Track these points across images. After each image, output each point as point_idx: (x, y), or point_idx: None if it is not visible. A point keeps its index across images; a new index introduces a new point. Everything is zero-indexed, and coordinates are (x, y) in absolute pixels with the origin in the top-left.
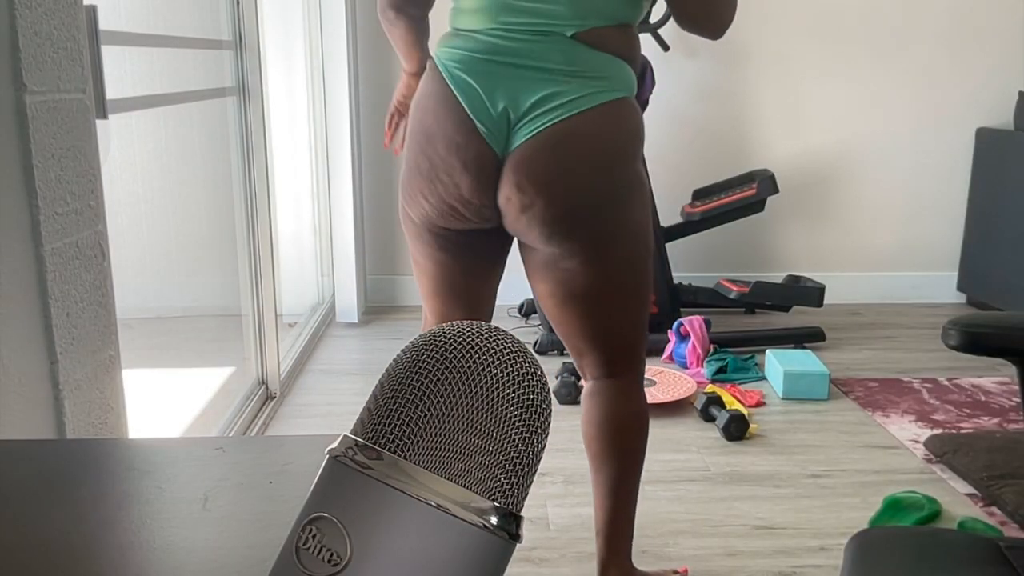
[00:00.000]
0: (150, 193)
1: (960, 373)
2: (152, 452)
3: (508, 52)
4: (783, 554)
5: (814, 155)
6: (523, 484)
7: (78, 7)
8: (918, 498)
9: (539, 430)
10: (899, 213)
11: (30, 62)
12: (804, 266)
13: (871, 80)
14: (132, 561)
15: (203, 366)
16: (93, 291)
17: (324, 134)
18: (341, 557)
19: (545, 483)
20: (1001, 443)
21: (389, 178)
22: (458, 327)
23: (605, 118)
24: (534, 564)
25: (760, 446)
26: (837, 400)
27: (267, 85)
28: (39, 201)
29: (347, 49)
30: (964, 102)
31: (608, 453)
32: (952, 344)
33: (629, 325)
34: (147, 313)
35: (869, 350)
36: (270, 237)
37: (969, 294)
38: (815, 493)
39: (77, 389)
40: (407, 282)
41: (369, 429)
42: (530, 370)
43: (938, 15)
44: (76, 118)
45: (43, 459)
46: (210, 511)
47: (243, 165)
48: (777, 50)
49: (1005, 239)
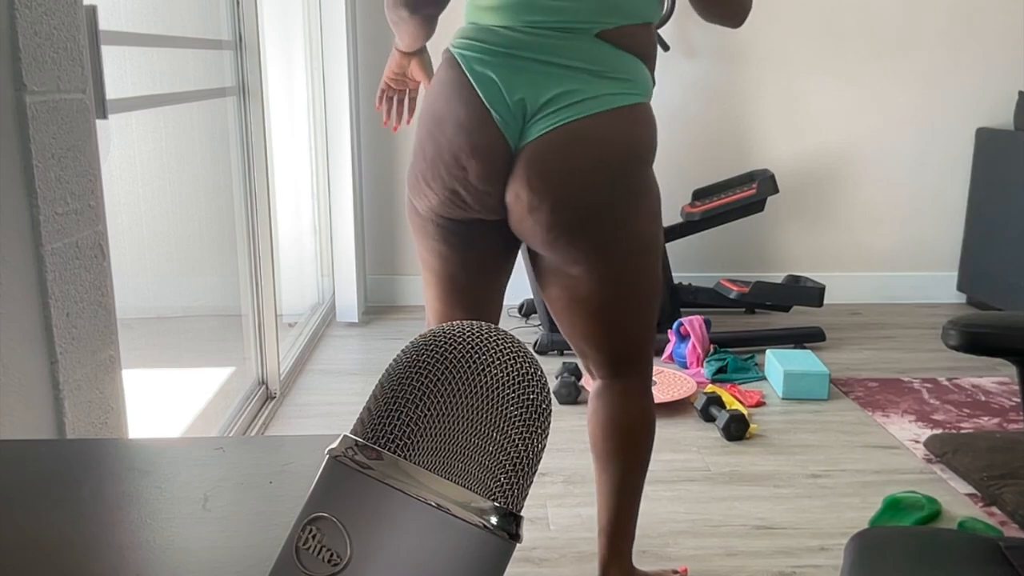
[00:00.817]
0: (150, 193)
1: (960, 373)
2: (152, 452)
3: (531, 48)
4: (783, 554)
5: (814, 155)
6: (523, 484)
7: (78, 7)
8: (918, 498)
9: (539, 430)
10: (899, 213)
11: (30, 62)
12: (804, 266)
13: (871, 80)
14: (132, 561)
15: (203, 366)
16: (93, 291)
17: (324, 134)
18: (341, 557)
19: (545, 483)
20: (1001, 443)
21: (389, 178)
22: (458, 327)
23: (622, 123)
24: (534, 564)
25: (760, 446)
26: (837, 400)
27: (267, 85)
28: (39, 201)
29: (347, 49)
30: (964, 102)
31: (614, 453)
32: (952, 344)
33: (636, 329)
34: (147, 313)
35: (869, 350)
36: (270, 237)
37: (969, 294)
38: (815, 493)
39: (77, 389)
40: (407, 282)
41: (369, 429)
42: (530, 370)
43: (938, 15)
44: (76, 118)
45: (43, 459)
46: (210, 511)
47: (243, 165)
48: (777, 50)
49: (1005, 239)
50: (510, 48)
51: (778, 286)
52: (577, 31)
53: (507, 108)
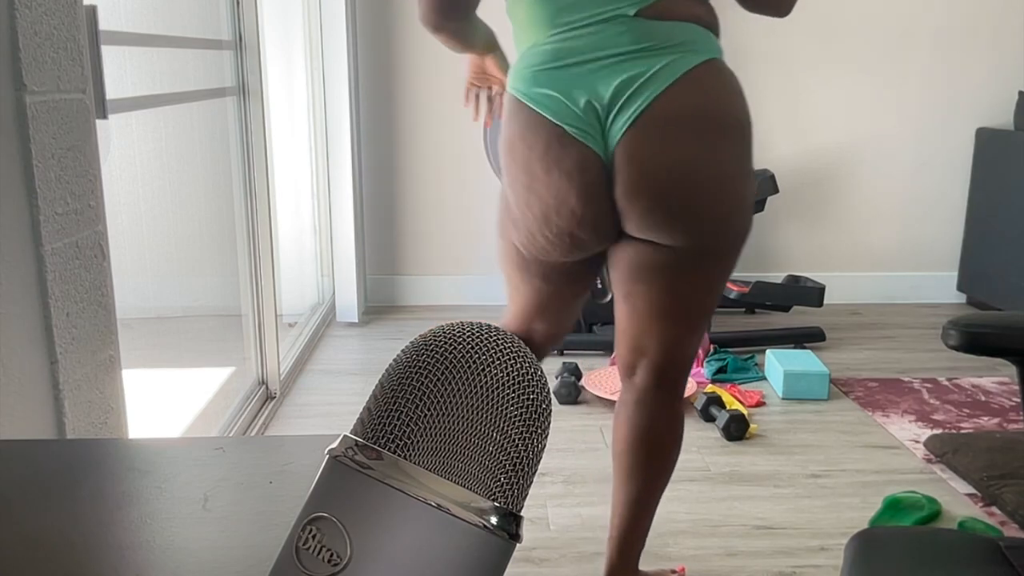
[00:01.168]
0: (150, 193)
1: (960, 373)
2: (152, 452)
3: (571, 52)
4: (783, 554)
5: (814, 155)
6: (523, 484)
7: (78, 7)
8: (918, 498)
9: (539, 430)
10: (899, 213)
11: (30, 62)
12: (804, 266)
13: (871, 80)
14: (132, 561)
15: (203, 366)
16: (93, 291)
17: (324, 134)
18: (341, 557)
19: (545, 483)
20: (1001, 443)
21: (389, 178)
22: (458, 327)
23: (698, 84)
24: (534, 564)
25: (760, 446)
26: (837, 400)
27: (267, 85)
28: (39, 201)
29: (347, 49)
30: (964, 102)
31: (642, 465)
32: (952, 344)
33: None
34: (147, 313)
35: (869, 350)
36: (270, 237)
37: (969, 294)
38: (815, 493)
39: (77, 389)
40: (407, 282)
41: (369, 429)
42: (530, 370)
43: (938, 15)
44: (76, 118)
45: (43, 459)
46: (210, 511)
47: (243, 165)
48: (777, 50)
49: (1005, 239)
50: (553, 61)
51: (778, 286)
52: (614, 17)
53: (577, 117)
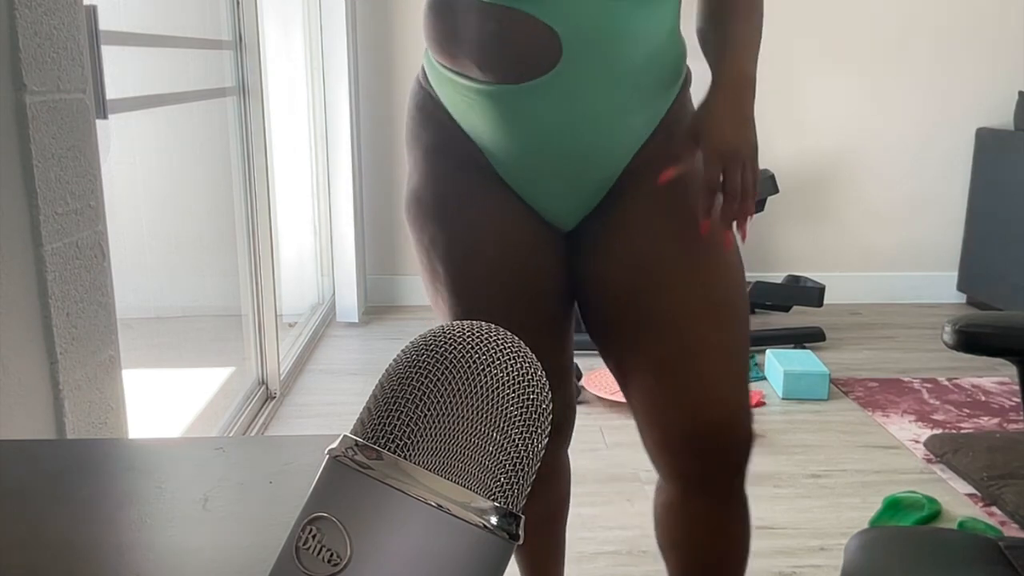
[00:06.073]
0: (150, 193)
1: (960, 373)
2: (152, 452)
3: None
4: (783, 554)
5: (814, 155)
6: (523, 484)
7: (78, 7)
8: (918, 498)
9: (539, 430)
10: (899, 213)
11: (30, 62)
12: (804, 266)
13: (871, 80)
14: (132, 561)
15: (203, 366)
16: (93, 291)
17: (324, 134)
18: (341, 557)
19: None
20: (1001, 443)
21: (389, 178)
22: (458, 327)
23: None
24: None
25: (760, 446)
26: (837, 400)
27: (267, 85)
28: (39, 201)
29: (347, 49)
30: (964, 102)
31: None
32: (952, 344)
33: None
34: (147, 313)
35: (869, 350)
36: (270, 237)
37: (969, 294)
38: (815, 493)
39: (77, 389)
40: (407, 282)
41: (369, 429)
42: (530, 370)
43: (938, 15)
44: (76, 118)
45: (43, 459)
46: (210, 511)
47: (243, 165)
48: (777, 50)
49: (1005, 239)
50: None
51: (778, 286)
52: None
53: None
